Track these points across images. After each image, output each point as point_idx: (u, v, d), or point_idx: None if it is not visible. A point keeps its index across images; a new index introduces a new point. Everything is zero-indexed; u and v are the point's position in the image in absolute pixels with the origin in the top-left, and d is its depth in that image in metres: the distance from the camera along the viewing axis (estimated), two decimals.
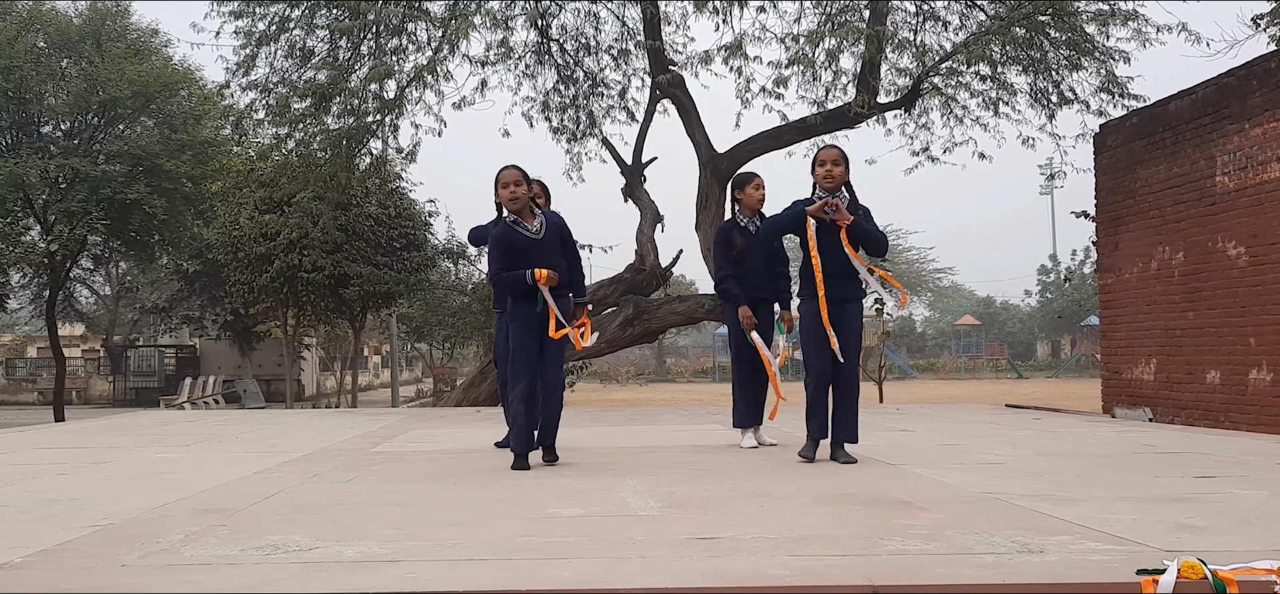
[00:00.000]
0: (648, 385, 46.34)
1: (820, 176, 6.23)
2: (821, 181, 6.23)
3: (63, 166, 21.62)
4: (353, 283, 21.49)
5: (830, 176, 6.20)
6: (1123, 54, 13.96)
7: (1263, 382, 9.87)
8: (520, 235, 6.15)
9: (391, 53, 14.57)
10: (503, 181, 6.14)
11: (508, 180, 6.12)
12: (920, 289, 66.32)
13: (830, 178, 6.20)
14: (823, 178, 6.21)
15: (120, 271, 37.92)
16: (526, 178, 6.24)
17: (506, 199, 6.12)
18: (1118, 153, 12.41)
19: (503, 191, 6.13)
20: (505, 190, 6.12)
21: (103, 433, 9.73)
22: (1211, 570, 3.10)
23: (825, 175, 6.20)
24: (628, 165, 16.83)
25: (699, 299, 17.60)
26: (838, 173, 6.21)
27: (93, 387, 41.51)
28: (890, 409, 13.60)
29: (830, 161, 6.22)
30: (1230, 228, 10.33)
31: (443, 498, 5.07)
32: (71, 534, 4.08)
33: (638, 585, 3.10)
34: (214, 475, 6.08)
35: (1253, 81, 10.11)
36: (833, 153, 6.29)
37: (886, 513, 4.44)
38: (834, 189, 6.22)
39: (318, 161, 15.15)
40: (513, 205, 6.12)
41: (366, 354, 48.41)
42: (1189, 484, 5.38)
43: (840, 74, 15.06)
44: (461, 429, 9.68)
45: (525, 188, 6.16)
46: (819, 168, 6.25)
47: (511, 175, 6.14)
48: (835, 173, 6.20)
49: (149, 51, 23.67)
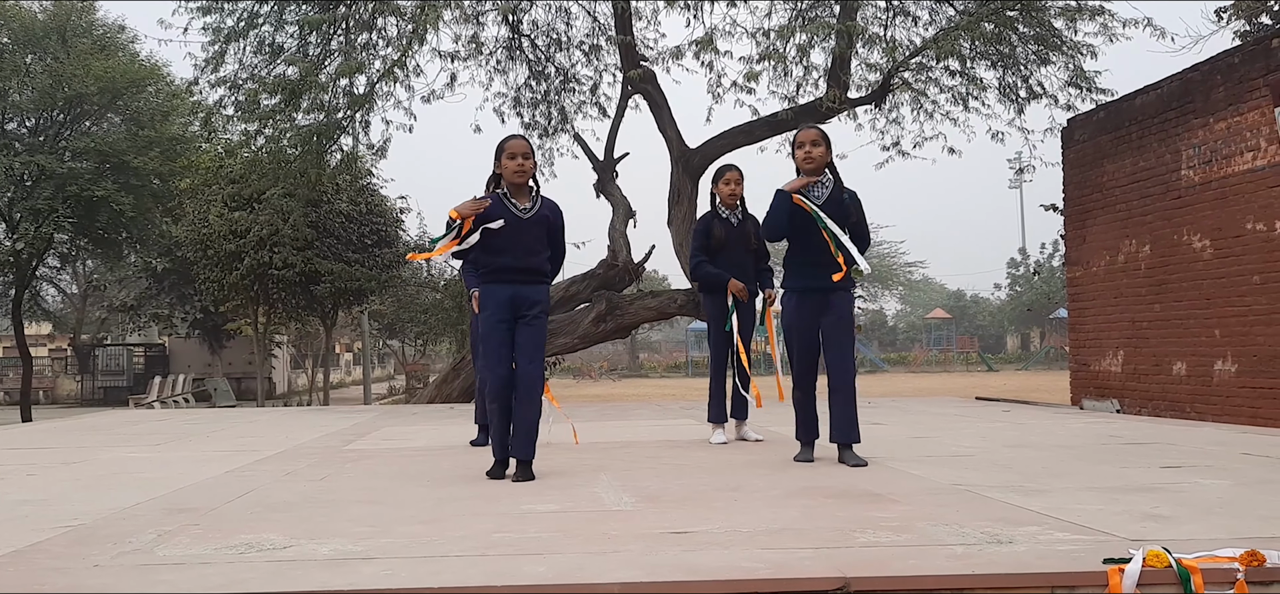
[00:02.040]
0: (621, 381, 46.37)
1: (800, 159, 5.95)
2: (801, 164, 5.95)
3: (28, 164, 21.34)
4: (324, 280, 21.38)
5: (810, 158, 5.91)
6: (1090, 49, 14.11)
7: (1227, 373, 10.02)
8: (507, 209, 5.67)
9: (362, 48, 14.50)
10: (509, 152, 5.69)
11: (515, 151, 5.69)
12: (891, 282, 66.69)
13: (810, 159, 5.91)
14: (802, 160, 5.93)
15: (87, 270, 37.48)
16: (532, 152, 5.82)
17: (512, 170, 5.67)
18: (1085, 147, 12.54)
19: (509, 162, 5.68)
20: (511, 161, 5.67)
21: (71, 433, 9.63)
22: (1176, 559, 3.16)
23: (805, 157, 5.92)
24: (600, 161, 16.83)
25: (672, 294, 17.63)
26: (817, 154, 5.92)
27: (60, 386, 41.03)
28: (861, 402, 13.67)
29: (809, 142, 5.94)
30: (1195, 221, 10.47)
31: (416, 495, 5.06)
32: (42, 535, 4.04)
33: (612, 580, 3.12)
34: (185, 475, 6.03)
35: (1217, 76, 10.25)
36: (812, 133, 6.01)
37: (857, 506, 4.48)
38: (815, 171, 5.94)
39: (288, 158, 15.07)
40: (517, 177, 5.69)
41: (338, 352, 48.12)
42: (1155, 474, 5.45)
43: (811, 69, 15.11)
44: (434, 426, 9.65)
45: (532, 161, 5.76)
46: (798, 150, 5.97)
47: (519, 146, 5.72)
48: (815, 154, 5.91)
49: (115, 47, 23.40)
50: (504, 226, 5.60)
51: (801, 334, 6.05)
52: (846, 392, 6.00)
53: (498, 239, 5.61)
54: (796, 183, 5.91)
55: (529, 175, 5.71)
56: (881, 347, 59.72)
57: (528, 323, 5.65)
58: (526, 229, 5.67)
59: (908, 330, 69.13)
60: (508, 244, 5.63)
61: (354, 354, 52.13)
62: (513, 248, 5.64)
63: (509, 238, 5.62)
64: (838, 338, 6.00)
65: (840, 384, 6.00)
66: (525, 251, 5.67)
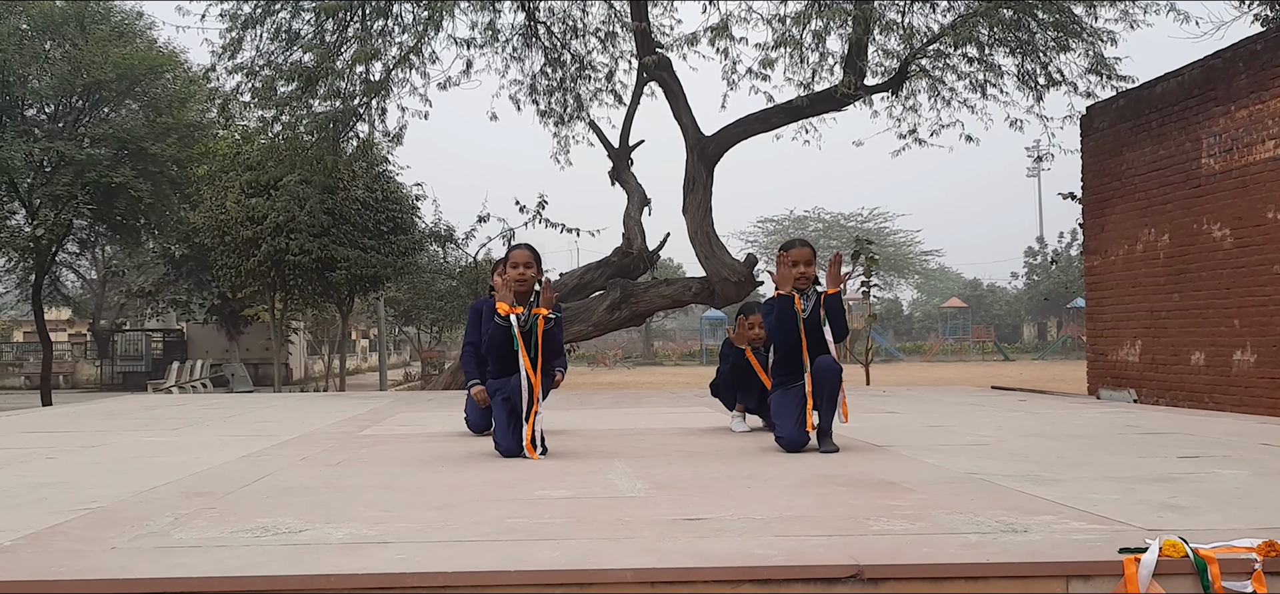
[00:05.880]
0: (635, 369, 46.37)
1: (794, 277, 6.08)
2: (796, 281, 6.09)
3: (47, 150, 21.47)
4: (340, 266, 21.45)
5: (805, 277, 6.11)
6: (1110, 35, 13.98)
7: (1247, 363, 9.95)
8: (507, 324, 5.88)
9: (377, 35, 14.52)
10: (512, 261, 5.91)
11: (517, 261, 5.90)
12: (907, 271, 66.47)
13: (804, 279, 6.11)
14: (797, 278, 6.08)
15: (106, 256, 37.68)
16: (537, 261, 5.97)
17: (515, 279, 5.86)
18: (1104, 135, 12.45)
19: (511, 271, 5.88)
20: (514, 270, 5.87)
21: (90, 417, 9.70)
22: (1193, 549, 3.14)
23: (800, 275, 6.09)
24: (615, 148, 16.80)
25: (686, 282, 17.60)
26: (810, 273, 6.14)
27: (80, 371, 41.31)
28: (876, 392, 13.66)
29: (803, 262, 6.12)
30: (1216, 210, 10.38)
31: (431, 480, 5.08)
32: (60, 518, 4.08)
33: (625, 566, 3.12)
34: (202, 459, 6.07)
35: (1238, 64, 10.15)
36: (805, 252, 6.20)
37: (871, 494, 4.47)
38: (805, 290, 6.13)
39: (304, 144, 15.12)
40: (520, 287, 5.86)
41: (354, 338, 48.29)
42: (1172, 464, 5.43)
43: (827, 56, 15.03)
44: (449, 412, 9.68)
45: (535, 270, 5.91)
46: (792, 268, 6.10)
47: (522, 256, 5.92)
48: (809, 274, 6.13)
49: (133, 34, 23.50)
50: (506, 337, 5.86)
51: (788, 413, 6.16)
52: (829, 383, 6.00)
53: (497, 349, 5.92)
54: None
55: (529, 286, 5.90)
56: (897, 336, 59.51)
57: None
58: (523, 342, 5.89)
59: (923, 320, 68.86)
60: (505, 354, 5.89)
61: (370, 341, 52.31)
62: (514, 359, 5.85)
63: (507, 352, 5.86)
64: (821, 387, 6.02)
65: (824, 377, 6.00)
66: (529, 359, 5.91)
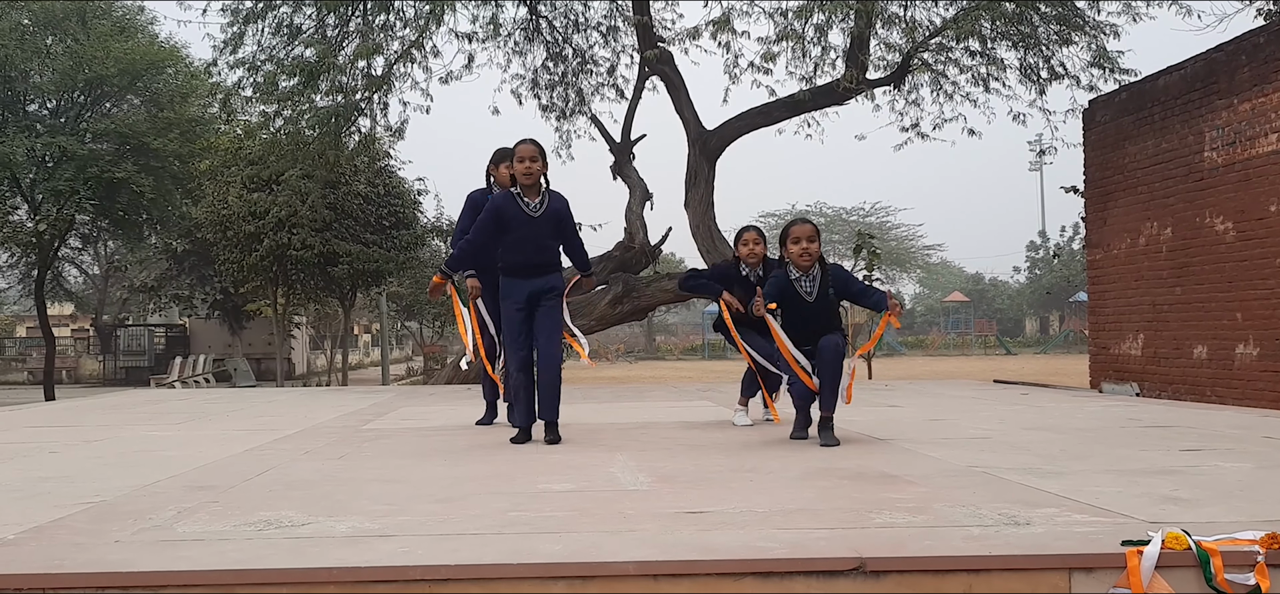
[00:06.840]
0: (637, 363, 46.39)
1: (796, 254, 5.98)
2: (798, 259, 5.99)
3: (50, 145, 21.49)
4: (342, 261, 21.47)
5: (807, 254, 5.98)
6: (1113, 28, 13.96)
7: (1249, 356, 9.94)
8: (519, 209, 6.05)
9: (379, 29, 14.51)
10: (519, 155, 6.02)
11: (524, 154, 6.01)
12: (909, 265, 66.44)
13: (807, 256, 5.98)
14: (799, 256, 5.98)
15: (109, 251, 37.72)
16: (543, 154, 6.08)
17: (521, 172, 5.99)
18: (1107, 128, 12.43)
19: (518, 165, 6.00)
20: (521, 165, 5.99)
21: (93, 411, 9.71)
22: (1195, 541, 3.14)
23: (801, 252, 5.97)
24: (616, 143, 16.79)
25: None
26: (814, 250, 6.00)
27: (83, 366, 41.39)
28: (878, 385, 13.66)
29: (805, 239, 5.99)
30: (1218, 203, 10.37)
31: (433, 474, 5.08)
32: (63, 511, 4.08)
33: (627, 558, 3.13)
34: (205, 453, 6.08)
35: (1241, 57, 10.13)
36: (807, 229, 6.04)
37: (874, 487, 4.47)
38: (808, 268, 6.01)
39: (306, 139, 15.12)
40: (526, 180, 6.00)
41: (356, 333, 48.34)
42: (1174, 457, 5.42)
43: (829, 49, 15.00)
44: (452, 406, 9.69)
45: (540, 164, 6.04)
46: (793, 245, 6.00)
47: (528, 149, 6.02)
48: (811, 250, 5.98)
49: (135, 29, 23.53)
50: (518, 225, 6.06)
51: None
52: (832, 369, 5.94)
53: (513, 237, 6.09)
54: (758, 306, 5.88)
55: (535, 178, 6.06)
56: (899, 329, 59.44)
57: (546, 311, 6.17)
58: (539, 225, 6.09)
59: (926, 314, 68.87)
60: (523, 241, 6.10)
61: (372, 335, 52.37)
62: (527, 245, 6.10)
63: (523, 235, 6.08)
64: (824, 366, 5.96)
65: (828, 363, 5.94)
66: (538, 248, 6.13)
